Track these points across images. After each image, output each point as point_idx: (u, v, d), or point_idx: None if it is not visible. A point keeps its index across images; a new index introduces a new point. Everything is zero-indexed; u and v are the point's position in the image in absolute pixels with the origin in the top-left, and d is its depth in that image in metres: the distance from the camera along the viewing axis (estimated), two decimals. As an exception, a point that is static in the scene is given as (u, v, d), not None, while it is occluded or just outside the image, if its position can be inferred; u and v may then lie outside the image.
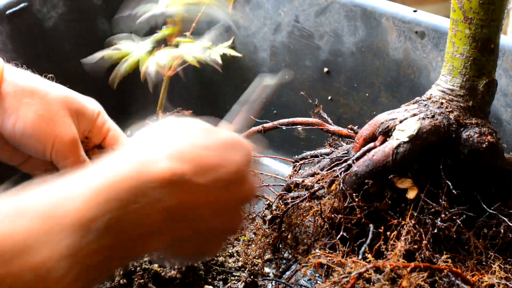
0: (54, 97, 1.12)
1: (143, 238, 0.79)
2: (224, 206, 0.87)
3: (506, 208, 1.13)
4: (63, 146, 1.12)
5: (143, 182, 0.79)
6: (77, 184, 0.76)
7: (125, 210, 0.76)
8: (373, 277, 1.03)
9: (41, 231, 0.71)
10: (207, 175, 0.84)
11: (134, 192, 0.78)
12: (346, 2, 1.43)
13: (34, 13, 1.47)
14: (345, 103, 1.48)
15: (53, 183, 0.76)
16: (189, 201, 0.83)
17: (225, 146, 0.88)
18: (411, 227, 1.09)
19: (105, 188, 0.76)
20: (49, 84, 1.14)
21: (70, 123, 1.13)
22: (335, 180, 1.15)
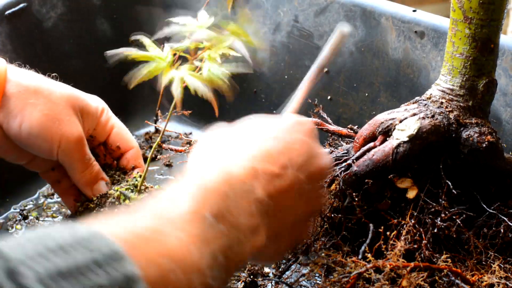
0: (58, 96, 1.13)
1: (247, 231, 0.83)
2: (305, 185, 0.91)
3: (506, 207, 1.13)
4: (69, 145, 1.13)
5: (233, 180, 0.84)
6: (180, 189, 0.81)
7: (225, 202, 0.81)
8: (373, 277, 1.03)
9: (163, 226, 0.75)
10: (282, 162, 0.89)
11: (226, 186, 0.82)
12: (345, 2, 1.43)
13: (33, 13, 1.47)
14: (345, 103, 1.48)
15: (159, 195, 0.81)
16: (273, 190, 0.87)
17: (288, 130, 0.92)
18: (411, 226, 1.09)
19: (206, 187, 0.81)
20: (52, 83, 1.15)
21: (75, 121, 1.13)
22: (335, 179, 1.15)
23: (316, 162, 0.93)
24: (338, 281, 1.04)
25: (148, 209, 0.78)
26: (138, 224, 0.74)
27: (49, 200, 1.40)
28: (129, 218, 0.75)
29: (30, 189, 1.42)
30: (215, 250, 0.77)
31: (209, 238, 0.77)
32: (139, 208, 0.78)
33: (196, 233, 0.76)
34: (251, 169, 0.86)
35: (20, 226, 1.34)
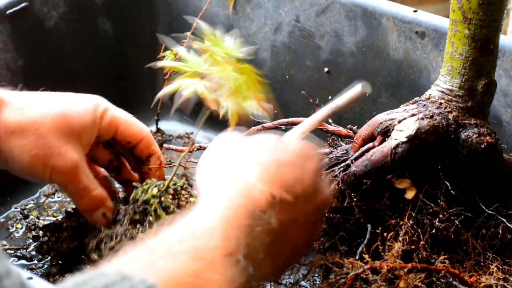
0: (47, 128, 1.13)
1: (262, 264, 0.84)
2: (310, 216, 0.92)
3: (504, 209, 1.13)
4: (60, 177, 1.14)
5: (255, 207, 0.84)
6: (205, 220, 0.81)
7: (251, 237, 0.82)
8: (370, 277, 1.03)
9: (205, 271, 0.76)
10: (295, 190, 0.89)
11: (252, 219, 0.83)
12: (346, 2, 1.43)
13: (34, 12, 1.47)
14: (346, 103, 1.47)
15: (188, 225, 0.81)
16: (285, 219, 0.88)
17: (302, 157, 0.93)
18: (409, 227, 1.09)
19: (231, 218, 0.82)
20: (42, 110, 1.14)
21: (67, 151, 1.13)
22: (333, 180, 1.15)
23: (322, 194, 0.94)
24: (336, 282, 1.03)
25: (181, 247, 0.78)
26: (178, 266, 0.75)
27: (50, 199, 1.41)
28: (168, 259, 0.75)
29: (31, 188, 1.42)
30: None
31: (241, 282, 0.79)
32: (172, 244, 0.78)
33: (231, 277, 0.78)
34: (270, 196, 0.86)
35: (21, 225, 1.34)
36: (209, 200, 0.86)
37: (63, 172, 1.13)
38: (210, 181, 0.89)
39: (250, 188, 0.86)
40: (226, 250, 0.79)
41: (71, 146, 1.14)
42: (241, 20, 1.54)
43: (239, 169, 0.89)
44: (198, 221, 0.82)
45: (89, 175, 1.16)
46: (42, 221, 1.34)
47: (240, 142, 0.94)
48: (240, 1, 1.53)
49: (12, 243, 1.31)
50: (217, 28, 1.52)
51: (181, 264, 0.75)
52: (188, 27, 1.57)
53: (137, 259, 0.76)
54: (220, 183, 0.88)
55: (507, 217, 1.12)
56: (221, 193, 0.86)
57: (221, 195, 0.86)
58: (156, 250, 0.77)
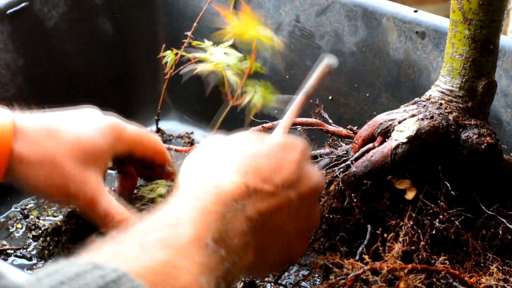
0: (63, 157, 1.10)
1: (240, 251, 0.84)
2: (296, 204, 0.92)
3: (505, 209, 1.13)
4: (79, 205, 1.13)
5: (225, 197, 0.85)
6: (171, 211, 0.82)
7: (222, 222, 0.82)
8: (371, 278, 1.03)
9: (174, 258, 0.76)
10: (273, 180, 0.90)
11: (222, 206, 0.84)
12: (346, 2, 1.43)
13: (35, 12, 1.47)
14: (346, 103, 1.47)
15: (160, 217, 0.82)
16: (264, 208, 0.88)
17: (280, 149, 0.93)
18: (409, 228, 1.09)
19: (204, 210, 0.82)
20: (57, 138, 1.11)
21: (83, 179, 1.11)
22: (334, 180, 1.15)
23: (308, 181, 0.93)
24: (336, 283, 1.03)
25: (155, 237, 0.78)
26: (152, 256, 0.75)
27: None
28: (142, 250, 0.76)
29: (31, 188, 1.42)
30: (218, 276, 0.79)
31: (212, 265, 0.79)
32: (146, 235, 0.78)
33: (201, 261, 0.78)
34: (243, 185, 0.87)
35: (21, 225, 1.34)
36: (178, 195, 0.86)
37: (81, 200, 1.11)
38: (186, 180, 0.90)
39: (221, 179, 0.87)
40: (193, 235, 0.79)
41: (88, 174, 1.12)
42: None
43: (213, 165, 0.90)
44: (165, 213, 0.82)
45: (109, 201, 1.13)
46: (42, 221, 1.34)
47: (219, 141, 0.95)
48: (241, 1, 1.53)
49: (12, 243, 1.31)
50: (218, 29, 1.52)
51: (148, 253, 0.76)
52: (188, 27, 1.57)
53: (106, 250, 0.76)
54: (193, 179, 0.89)
55: (507, 218, 1.12)
56: (191, 187, 0.87)
57: (190, 188, 0.86)
58: (124, 241, 0.77)
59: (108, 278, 0.69)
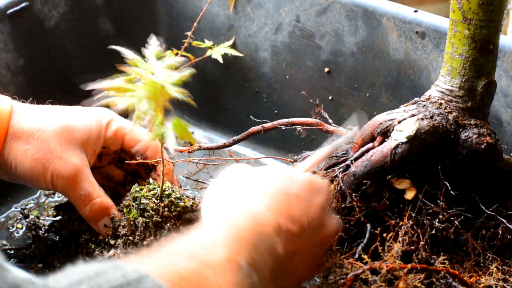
0: (51, 134, 1.15)
1: (266, 283, 0.85)
2: (312, 249, 0.95)
3: (504, 209, 1.13)
4: (61, 182, 1.15)
5: (260, 229, 0.86)
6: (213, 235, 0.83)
7: (255, 251, 0.83)
8: (370, 278, 1.03)
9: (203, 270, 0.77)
10: (301, 221, 0.91)
11: (257, 236, 0.85)
12: (347, 2, 1.43)
13: (35, 12, 1.47)
14: (346, 103, 1.47)
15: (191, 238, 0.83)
16: (290, 248, 0.90)
17: (309, 190, 0.95)
18: (408, 228, 1.09)
19: (238, 235, 0.83)
20: (48, 119, 1.17)
21: (68, 156, 1.15)
22: (334, 180, 1.15)
23: (328, 227, 0.96)
24: (335, 282, 1.03)
25: (185, 252, 0.79)
26: (180, 265, 0.76)
27: (50, 199, 1.40)
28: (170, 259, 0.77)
29: (31, 188, 1.42)
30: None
31: (242, 285, 0.79)
32: (175, 250, 0.79)
33: (234, 280, 0.78)
34: (276, 224, 0.88)
35: (21, 225, 1.34)
36: (212, 219, 0.87)
37: (64, 176, 1.14)
38: (215, 206, 0.91)
39: (257, 213, 0.88)
40: (227, 258, 0.79)
41: (73, 153, 1.15)
42: (241, 20, 1.54)
43: (246, 195, 0.91)
44: (197, 235, 0.83)
45: (92, 182, 1.17)
46: (42, 221, 1.34)
47: (248, 172, 0.96)
48: (241, 1, 1.53)
49: (12, 243, 1.31)
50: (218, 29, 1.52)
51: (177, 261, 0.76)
52: (188, 27, 1.58)
53: (141, 258, 0.77)
54: (226, 206, 0.90)
55: (507, 218, 1.12)
56: (226, 214, 0.88)
57: (226, 215, 0.88)
58: (153, 254, 0.78)
59: (129, 277, 0.70)
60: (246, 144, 1.54)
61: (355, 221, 1.12)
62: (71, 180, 1.14)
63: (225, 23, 1.56)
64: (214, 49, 1.54)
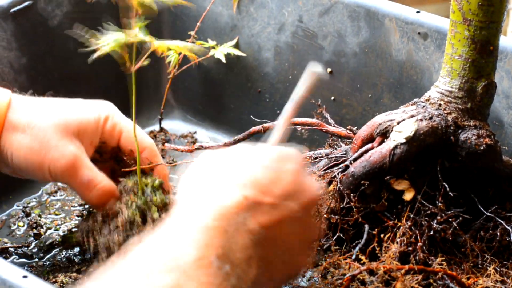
0: (46, 125, 1.15)
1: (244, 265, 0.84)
2: (297, 216, 0.91)
3: (503, 211, 1.13)
4: (59, 171, 1.15)
5: (226, 211, 0.84)
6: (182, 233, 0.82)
7: (224, 237, 0.82)
8: (367, 279, 1.03)
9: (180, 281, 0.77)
10: (273, 191, 0.89)
11: (223, 221, 0.83)
12: (349, 3, 1.43)
13: (38, 11, 1.47)
14: (348, 103, 1.47)
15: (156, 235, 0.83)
16: (265, 220, 0.87)
17: (277, 159, 0.92)
18: (407, 229, 1.09)
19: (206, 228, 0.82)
20: (45, 109, 1.17)
21: (65, 145, 1.15)
22: (332, 180, 1.15)
23: (307, 192, 0.92)
24: (332, 283, 1.04)
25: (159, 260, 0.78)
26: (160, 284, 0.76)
27: (52, 197, 1.41)
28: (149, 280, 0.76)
29: (33, 186, 1.42)
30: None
31: (218, 283, 0.79)
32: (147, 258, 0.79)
33: (207, 281, 0.78)
34: (243, 198, 0.86)
35: (23, 223, 1.35)
36: (177, 213, 0.86)
37: (61, 165, 1.14)
38: (184, 197, 0.90)
39: (220, 194, 0.86)
40: (196, 255, 0.79)
41: (70, 142, 1.15)
42: (244, 20, 1.54)
43: (210, 181, 0.89)
44: (166, 232, 0.83)
45: (91, 168, 1.16)
46: (44, 219, 1.35)
47: (214, 157, 0.94)
48: (244, 1, 1.53)
49: (14, 241, 1.31)
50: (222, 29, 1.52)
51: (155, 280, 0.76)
52: (191, 26, 1.58)
53: (111, 279, 0.76)
54: (191, 197, 0.88)
55: (506, 219, 1.11)
56: (189, 205, 0.86)
57: (189, 206, 0.86)
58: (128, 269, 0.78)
59: None
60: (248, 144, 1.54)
61: (354, 221, 1.13)
62: (70, 168, 1.14)
63: (228, 23, 1.56)
64: (217, 49, 1.54)
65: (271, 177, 0.89)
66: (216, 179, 0.89)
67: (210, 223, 0.82)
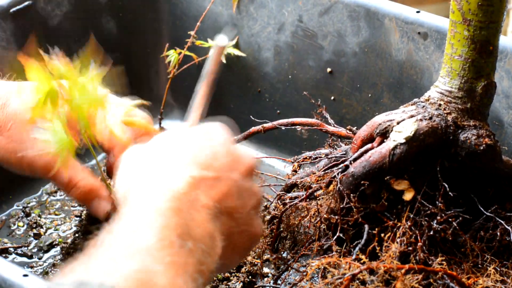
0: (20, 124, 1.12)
1: (207, 239, 0.85)
2: (242, 185, 0.93)
3: (503, 211, 1.13)
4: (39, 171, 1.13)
5: (176, 192, 0.86)
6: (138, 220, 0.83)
7: (180, 216, 0.83)
8: (367, 278, 1.03)
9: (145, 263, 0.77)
10: (213, 165, 0.90)
11: (176, 201, 0.85)
12: (349, 2, 1.43)
13: (38, 11, 1.47)
14: (348, 103, 1.47)
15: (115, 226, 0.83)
16: (215, 194, 0.89)
17: (206, 137, 0.94)
18: (406, 229, 1.09)
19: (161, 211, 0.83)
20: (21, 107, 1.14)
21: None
22: (332, 180, 1.15)
23: (242, 159, 0.94)
24: (332, 283, 1.03)
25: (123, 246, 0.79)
26: (127, 267, 0.76)
27: (52, 197, 1.41)
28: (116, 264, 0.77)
29: (33, 186, 1.43)
30: (192, 272, 0.80)
31: (183, 261, 0.80)
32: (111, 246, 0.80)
33: (172, 260, 0.79)
34: (189, 177, 0.88)
35: (22, 223, 1.35)
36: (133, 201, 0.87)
37: (39, 165, 1.11)
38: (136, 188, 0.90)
39: (167, 177, 0.88)
40: (156, 236, 0.80)
41: None
42: (244, 19, 1.54)
43: (153, 166, 0.91)
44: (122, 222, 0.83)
45: (72, 166, 1.13)
46: (43, 219, 1.35)
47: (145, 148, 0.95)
48: (244, 1, 1.53)
49: (14, 241, 1.31)
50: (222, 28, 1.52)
51: (122, 264, 0.77)
52: (191, 26, 1.58)
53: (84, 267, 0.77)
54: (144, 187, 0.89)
55: (506, 219, 1.12)
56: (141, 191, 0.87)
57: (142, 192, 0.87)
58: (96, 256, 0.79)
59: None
60: (249, 144, 1.55)
61: (354, 221, 1.13)
62: (49, 167, 1.11)
63: (228, 22, 1.56)
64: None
65: (208, 153, 0.91)
66: (160, 165, 0.90)
67: (164, 205, 0.84)
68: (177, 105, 1.65)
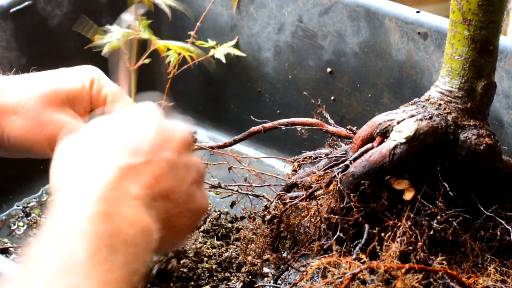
0: (36, 100, 1.12)
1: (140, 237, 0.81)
2: (175, 162, 0.88)
3: (503, 210, 1.13)
4: None
5: (104, 190, 0.82)
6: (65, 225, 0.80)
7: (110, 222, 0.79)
8: (368, 278, 1.03)
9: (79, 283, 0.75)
10: (141, 149, 0.86)
11: (104, 203, 0.81)
12: (349, 2, 1.43)
13: (38, 11, 1.47)
14: (348, 103, 1.47)
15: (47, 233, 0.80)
16: (147, 180, 0.85)
17: (131, 119, 0.90)
18: (407, 228, 1.09)
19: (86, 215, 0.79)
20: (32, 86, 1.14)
21: (59, 117, 1.12)
22: (332, 180, 1.15)
23: (174, 135, 0.90)
24: (333, 282, 1.03)
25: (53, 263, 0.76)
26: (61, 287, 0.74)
27: (52, 197, 1.41)
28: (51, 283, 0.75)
29: (34, 186, 1.43)
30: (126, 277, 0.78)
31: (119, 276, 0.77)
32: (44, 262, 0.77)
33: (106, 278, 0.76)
34: (117, 169, 0.84)
35: (22, 223, 1.35)
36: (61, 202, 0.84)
37: (61, 138, 1.12)
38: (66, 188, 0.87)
39: (94, 172, 0.84)
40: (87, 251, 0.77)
41: (63, 113, 1.12)
42: (244, 19, 1.54)
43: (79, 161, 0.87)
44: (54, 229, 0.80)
45: None
46: (44, 219, 1.35)
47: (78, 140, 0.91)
48: (244, 1, 1.54)
49: (14, 241, 1.32)
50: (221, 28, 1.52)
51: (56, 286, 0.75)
52: (191, 26, 1.58)
53: None
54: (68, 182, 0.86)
55: (506, 219, 1.11)
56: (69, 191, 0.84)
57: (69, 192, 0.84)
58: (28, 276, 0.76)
59: None
60: (249, 144, 1.55)
61: (354, 221, 1.13)
62: None
63: (228, 23, 1.56)
64: (217, 49, 1.54)
65: (134, 137, 0.87)
66: (85, 159, 0.87)
67: (92, 209, 0.80)
68: (177, 105, 1.65)
